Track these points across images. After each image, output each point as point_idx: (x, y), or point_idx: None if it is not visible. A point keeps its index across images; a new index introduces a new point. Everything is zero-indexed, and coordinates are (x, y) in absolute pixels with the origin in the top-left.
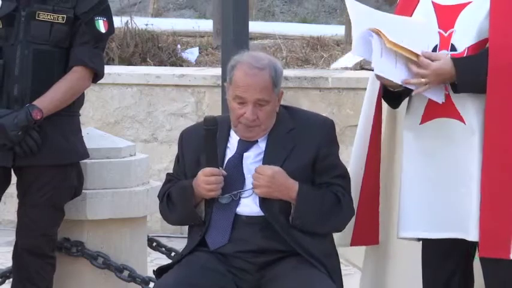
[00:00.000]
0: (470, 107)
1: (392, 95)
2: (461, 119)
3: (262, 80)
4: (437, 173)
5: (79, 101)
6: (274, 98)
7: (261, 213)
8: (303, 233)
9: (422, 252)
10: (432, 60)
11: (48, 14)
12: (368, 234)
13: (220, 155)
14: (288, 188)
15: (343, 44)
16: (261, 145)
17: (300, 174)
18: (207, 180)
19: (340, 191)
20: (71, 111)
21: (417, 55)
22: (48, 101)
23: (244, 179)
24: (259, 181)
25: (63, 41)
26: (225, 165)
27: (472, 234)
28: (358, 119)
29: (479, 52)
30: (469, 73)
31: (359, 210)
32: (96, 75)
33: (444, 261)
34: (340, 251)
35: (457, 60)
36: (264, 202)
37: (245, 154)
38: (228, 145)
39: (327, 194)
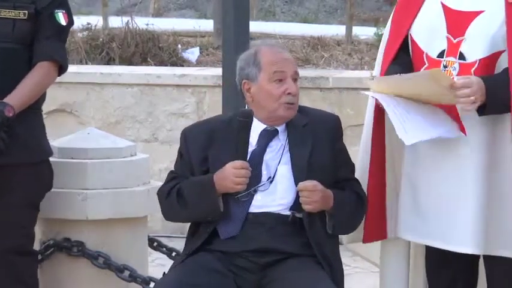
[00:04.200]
0: (473, 120)
1: None
2: (462, 130)
3: (291, 58)
4: (432, 181)
5: (42, 97)
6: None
7: (271, 211)
8: (326, 236)
9: (425, 260)
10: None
11: (9, 11)
12: (378, 230)
13: (245, 148)
14: (329, 197)
15: (344, 44)
16: (281, 138)
17: (327, 171)
18: (237, 173)
19: (359, 187)
20: (36, 108)
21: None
22: (17, 98)
23: (261, 173)
24: (312, 197)
25: (26, 37)
26: (248, 158)
27: (458, 246)
28: (358, 118)
29: (503, 70)
30: (499, 91)
31: (368, 208)
32: (61, 68)
33: (445, 268)
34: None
35: (485, 78)
36: (299, 205)
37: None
38: (250, 139)
39: (350, 193)
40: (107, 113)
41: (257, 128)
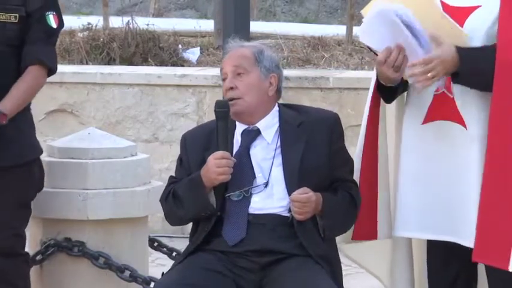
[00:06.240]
0: (474, 113)
1: (385, 88)
2: (463, 124)
3: (240, 52)
4: (434, 175)
5: None
6: (257, 72)
7: (271, 212)
8: (320, 238)
9: (427, 258)
10: (438, 44)
11: (1, 14)
12: (368, 229)
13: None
14: (318, 204)
15: (344, 44)
16: (267, 137)
17: (321, 171)
18: (218, 163)
19: (354, 189)
20: (25, 108)
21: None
22: (10, 104)
23: (254, 174)
24: (304, 209)
25: (15, 39)
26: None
27: (467, 240)
28: (359, 119)
29: (483, 46)
30: (472, 61)
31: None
32: (50, 71)
33: (446, 265)
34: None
35: (459, 48)
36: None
37: (252, 150)
38: (234, 140)
39: (343, 196)
40: (107, 113)
41: (238, 128)
